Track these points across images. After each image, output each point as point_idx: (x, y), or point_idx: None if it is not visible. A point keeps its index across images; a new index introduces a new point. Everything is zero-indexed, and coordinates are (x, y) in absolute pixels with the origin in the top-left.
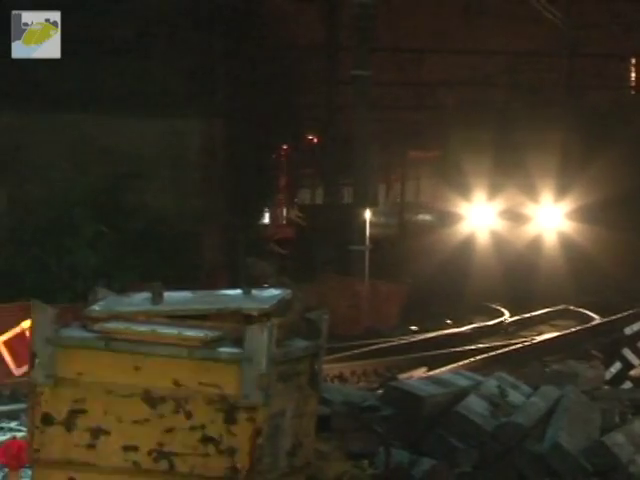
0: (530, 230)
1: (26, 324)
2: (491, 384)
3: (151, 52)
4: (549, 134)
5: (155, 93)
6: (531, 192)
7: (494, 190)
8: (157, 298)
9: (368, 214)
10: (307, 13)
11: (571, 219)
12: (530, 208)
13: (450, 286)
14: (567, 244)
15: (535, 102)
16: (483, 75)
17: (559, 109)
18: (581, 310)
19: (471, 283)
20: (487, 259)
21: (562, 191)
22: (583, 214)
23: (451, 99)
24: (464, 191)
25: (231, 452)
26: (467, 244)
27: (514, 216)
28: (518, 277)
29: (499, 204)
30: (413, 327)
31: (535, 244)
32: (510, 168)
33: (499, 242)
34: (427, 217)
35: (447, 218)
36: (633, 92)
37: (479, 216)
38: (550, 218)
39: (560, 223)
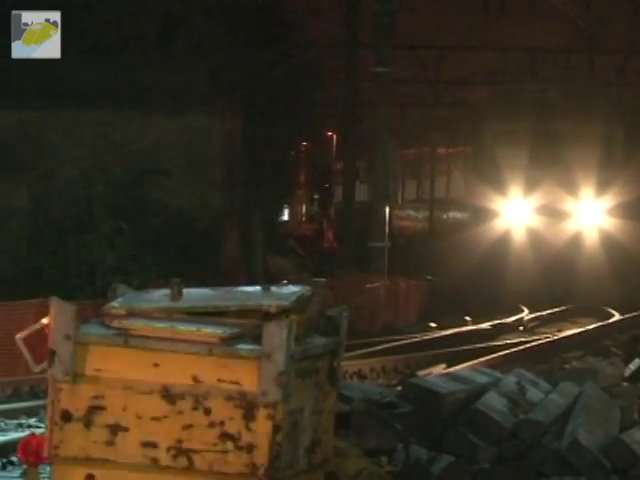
0: (569, 227)
1: (45, 321)
2: (510, 381)
3: (172, 49)
4: (590, 126)
5: (175, 90)
6: (570, 187)
7: (531, 185)
8: (176, 295)
9: (387, 210)
10: (327, 10)
11: (613, 215)
12: (569, 204)
13: (482, 284)
14: (608, 241)
15: (570, 95)
16: (505, 71)
17: (601, 101)
18: (604, 308)
19: (505, 281)
20: (523, 256)
21: (603, 186)
22: (625, 210)
23: (473, 95)
24: (499, 186)
25: (250, 449)
26: (502, 241)
27: (552, 212)
28: (555, 276)
29: (536, 200)
30: (432, 324)
31: (574, 241)
32: (548, 162)
33: (536, 239)
34: (459, 213)
35: (481, 214)
36: None
37: (515, 212)
38: (590, 214)
39: (601, 219)
